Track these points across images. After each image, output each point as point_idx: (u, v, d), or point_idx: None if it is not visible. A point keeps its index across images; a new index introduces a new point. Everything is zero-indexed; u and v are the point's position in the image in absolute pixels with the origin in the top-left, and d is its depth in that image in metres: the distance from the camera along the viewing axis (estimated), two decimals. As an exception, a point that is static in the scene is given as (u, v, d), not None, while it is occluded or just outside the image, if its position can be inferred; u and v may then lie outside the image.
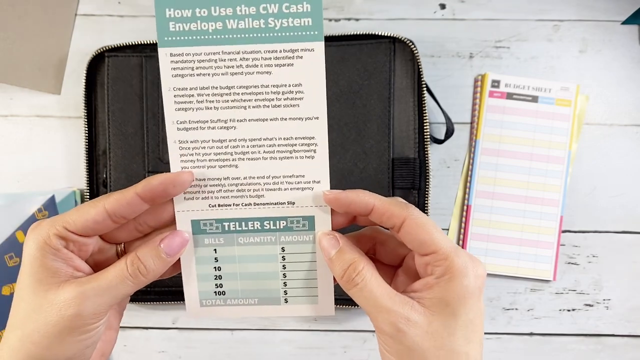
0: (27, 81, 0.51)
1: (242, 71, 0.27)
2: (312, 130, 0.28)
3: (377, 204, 0.27)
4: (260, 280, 0.30)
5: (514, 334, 0.50)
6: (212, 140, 0.28)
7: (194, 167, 0.28)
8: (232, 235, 0.29)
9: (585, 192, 0.51)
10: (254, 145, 0.28)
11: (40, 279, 0.25)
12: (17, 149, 0.51)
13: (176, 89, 0.27)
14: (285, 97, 0.27)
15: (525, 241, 0.49)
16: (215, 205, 0.29)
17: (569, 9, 0.52)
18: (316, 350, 0.50)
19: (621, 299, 0.50)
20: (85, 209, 0.26)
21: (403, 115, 0.48)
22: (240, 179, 0.28)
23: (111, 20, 0.52)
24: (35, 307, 0.25)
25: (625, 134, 0.51)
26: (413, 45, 0.48)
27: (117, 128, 0.48)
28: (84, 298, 0.25)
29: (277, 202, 0.29)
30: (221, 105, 0.27)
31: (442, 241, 0.25)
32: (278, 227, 0.29)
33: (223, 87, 0.27)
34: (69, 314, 0.24)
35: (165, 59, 0.27)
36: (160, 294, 0.48)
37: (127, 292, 0.27)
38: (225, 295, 0.30)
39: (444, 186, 0.51)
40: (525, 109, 0.50)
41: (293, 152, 0.28)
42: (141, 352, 0.50)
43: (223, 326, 0.50)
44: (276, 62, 0.27)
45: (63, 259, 0.25)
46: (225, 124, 0.28)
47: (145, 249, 0.27)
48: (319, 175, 0.28)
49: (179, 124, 0.28)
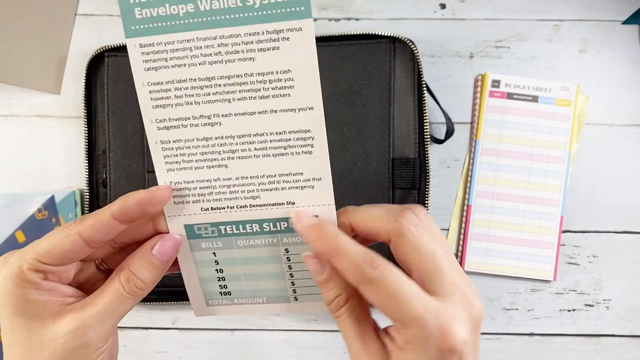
0: (27, 81, 0.51)
1: (221, 59, 0.24)
2: (307, 123, 0.25)
3: (333, 256, 0.24)
4: (266, 281, 0.29)
5: (514, 334, 0.50)
6: (196, 139, 0.25)
7: (180, 169, 0.26)
8: (230, 238, 0.27)
9: (585, 192, 0.51)
10: (244, 143, 0.25)
11: (30, 315, 0.23)
12: (16, 149, 0.51)
13: (151, 83, 0.25)
14: (274, 87, 0.24)
15: (526, 241, 0.49)
16: (207, 208, 0.26)
17: (569, 9, 0.52)
18: (316, 350, 0.50)
19: (621, 299, 0.50)
20: (58, 239, 0.23)
21: (403, 115, 0.48)
22: (232, 179, 0.26)
23: (111, 20, 0.52)
24: (35, 346, 0.23)
25: (625, 134, 0.51)
26: (413, 45, 0.48)
27: (117, 128, 0.48)
28: (87, 327, 0.23)
29: (276, 203, 0.26)
30: (202, 99, 0.25)
31: (402, 310, 0.22)
32: (279, 228, 0.27)
33: (202, 79, 0.24)
34: (75, 346, 0.23)
35: (134, 51, 0.24)
36: (160, 294, 0.48)
37: (128, 309, 0.25)
38: (231, 295, 0.29)
39: (444, 186, 0.51)
40: (525, 109, 0.50)
41: (288, 147, 0.25)
42: (141, 352, 0.50)
43: (223, 326, 0.50)
44: (259, 46, 0.24)
45: (47, 290, 0.24)
46: (209, 120, 0.25)
47: (137, 261, 0.25)
48: (320, 171, 0.26)
49: (158, 123, 0.25)
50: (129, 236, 0.26)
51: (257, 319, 0.50)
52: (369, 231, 0.25)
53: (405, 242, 0.23)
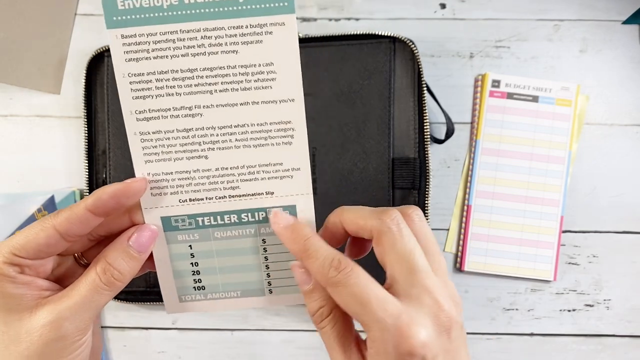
0: (27, 81, 0.51)
1: (204, 51, 0.24)
2: (288, 114, 0.25)
3: (303, 259, 0.24)
4: (241, 273, 0.29)
5: (514, 334, 0.50)
6: (176, 130, 0.25)
7: (159, 161, 0.26)
8: (207, 230, 0.27)
9: (585, 192, 0.51)
10: (225, 134, 0.26)
11: (7, 309, 0.23)
12: (16, 149, 0.51)
13: (131, 74, 0.25)
14: (256, 79, 0.25)
15: (526, 241, 0.49)
16: (185, 200, 0.27)
17: (569, 9, 0.52)
18: (316, 351, 0.50)
19: (621, 299, 0.50)
20: (34, 233, 0.24)
21: (403, 115, 0.48)
22: (211, 170, 0.26)
23: (111, 20, 0.52)
24: (12, 339, 0.23)
25: (625, 134, 0.51)
26: (413, 45, 0.48)
27: (117, 128, 0.48)
28: (63, 319, 0.23)
29: (255, 193, 0.27)
30: (184, 90, 0.25)
31: (364, 313, 0.22)
32: (257, 218, 0.27)
33: (184, 70, 0.25)
34: (52, 338, 0.23)
35: (116, 42, 0.24)
36: (160, 294, 0.48)
37: (105, 301, 0.25)
38: (205, 290, 0.29)
39: (444, 186, 0.51)
40: (525, 109, 0.50)
41: (268, 138, 0.26)
42: (141, 352, 0.50)
43: (223, 326, 0.50)
44: (243, 40, 0.24)
45: (23, 284, 0.24)
46: (190, 111, 0.25)
47: (114, 252, 0.25)
48: (299, 162, 0.26)
49: (137, 114, 0.25)
50: (106, 229, 0.26)
51: (258, 319, 0.50)
52: (357, 229, 0.25)
53: (384, 240, 0.23)
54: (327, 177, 0.47)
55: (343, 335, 0.25)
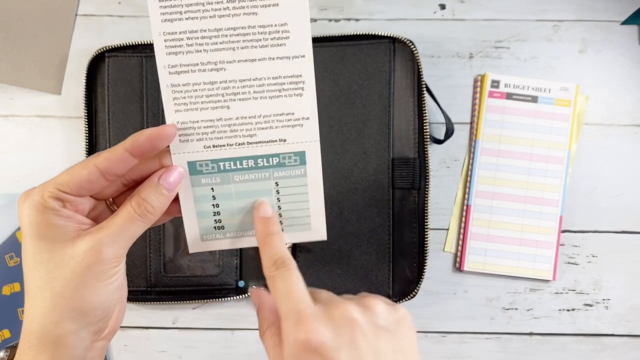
0: (27, 81, 0.51)
1: (229, 13, 0.28)
2: (299, 69, 0.29)
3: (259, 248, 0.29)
4: None
5: (513, 334, 0.50)
6: (203, 82, 0.28)
7: (187, 110, 0.29)
8: (227, 174, 0.30)
9: (585, 192, 0.51)
10: (244, 86, 0.29)
11: (51, 237, 0.26)
12: (17, 149, 0.51)
13: (166, 33, 0.28)
14: (272, 37, 0.28)
15: (525, 241, 0.50)
16: (210, 146, 0.30)
17: (569, 9, 0.52)
18: (316, 350, 0.50)
19: (621, 299, 0.50)
20: (77, 170, 0.26)
21: (403, 115, 0.48)
22: (232, 119, 0.29)
23: (111, 20, 0.52)
24: (57, 264, 0.25)
25: (625, 134, 0.51)
26: (413, 46, 0.48)
27: (117, 128, 0.48)
28: (103, 245, 0.26)
29: (270, 140, 0.30)
30: (210, 47, 0.28)
31: (280, 303, 0.27)
32: (271, 163, 0.30)
33: (212, 30, 0.28)
34: (93, 262, 0.25)
35: (154, 4, 0.27)
36: (160, 294, 0.48)
37: (139, 232, 0.28)
38: (224, 229, 0.32)
39: (444, 186, 0.51)
40: (525, 109, 0.50)
41: (282, 90, 0.29)
42: (141, 352, 0.50)
43: (223, 326, 0.50)
44: (262, 3, 0.28)
45: (66, 217, 0.26)
46: (215, 65, 0.28)
47: (146, 189, 0.28)
48: (308, 111, 0.29)
49: (170, 68, 0.28)
50: (138, 173, 0.29)
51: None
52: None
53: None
54: (327, 177, 0.47)
55: (277, 345, 0.28)
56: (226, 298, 0.48)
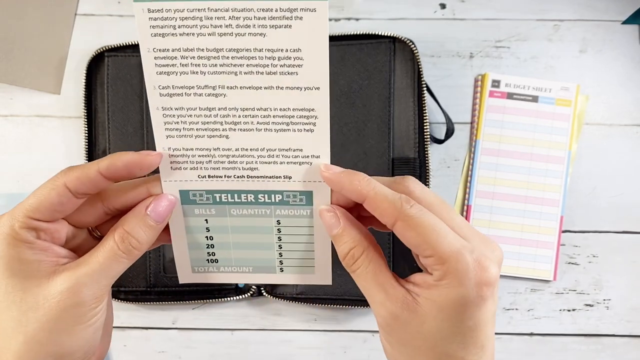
0: (27, 81, 0.51)
1: (231, 32, 0.24)
2: (312, 102, 0.25)
3: (370, 197, 0.24)
4: (254, 250, 0.29)
5: (514, 334, 0.50)
6: (199, 107, 0.25)
7: (180, 136, 0.26)
8: (224, 206, 0.28)
9: (585, 192, 0.51)
10: (247, 115, 0.25)
11: (25, 275, 0.23)
12: (17, 149, 0.51)
13: (156, 49, 0.24)
14: (282, 64, 0.24)
15: (525, 241, 0.49)
16: (205, 176, 0.27)
17: (569, 9, 0.52)
18: (316, 350, 0.50)
19: (621, 299, 0.50)
20: (46, 193, 0.24)
21: (403, 115, 0.48)
22: (231, 150, 0.26)
23: (111, 20, 0.52)
24: (30, 306, 0.23)
25: (625, 134, 0.51)
26: (413, 45, 0.48)
27: (117, 128, 0.48)
28: (81, 285, 0.23)
29: (273, 176, 0.27)
30: (208, 69, 0.25)
31: (441, 244, 0.23)
32: (273, 200, 0.28)
33: (210, 50, 0.24)
34: (69, 304, 0.23)
35: (142, 16, 0.24)
36: (160, 294, 0.48)
37: (122, 269, 0.25)
38: (218, 263, 0.29)
39: (444, 186, 0.51)
40: (525, 109, 0.50)
41: (290, 124, 0.26)
42: (141, 352, 0.50)
43: (223, 326, 0.50)
44: (271, 23, 0.24)
45: (41, 250, 0.24)
46: (214, 90, 0.25)
47: (132, 220, 0.25)
48: (319, 149, 0.26)
49: (161, 89, 0.25)
50: (123, 202, 0.26)
51: (257, 318, 0.50)
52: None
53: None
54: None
55: (379, 274, 0.25)
56: (226, 298, 0.48)
